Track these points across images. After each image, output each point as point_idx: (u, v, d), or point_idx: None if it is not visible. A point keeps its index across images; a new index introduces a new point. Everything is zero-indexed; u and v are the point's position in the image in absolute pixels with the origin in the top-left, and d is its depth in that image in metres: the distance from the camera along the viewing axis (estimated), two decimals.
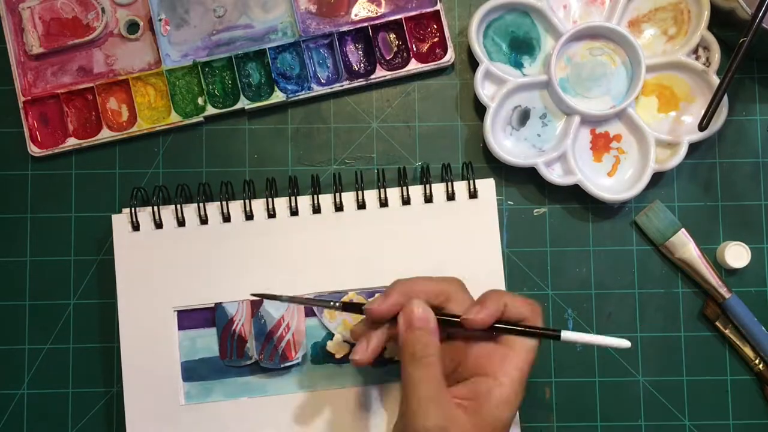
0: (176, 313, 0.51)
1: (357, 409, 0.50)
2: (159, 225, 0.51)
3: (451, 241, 0.51)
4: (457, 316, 0.43)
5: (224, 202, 0.51)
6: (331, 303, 0.45)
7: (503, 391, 0.41)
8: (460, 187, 0.52)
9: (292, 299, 0.46)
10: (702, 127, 0.49)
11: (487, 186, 0.52)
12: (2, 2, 0.54)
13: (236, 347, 0.51)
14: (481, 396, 0.41)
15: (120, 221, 0.51)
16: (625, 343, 0.42)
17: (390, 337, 0.44)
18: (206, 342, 0.51)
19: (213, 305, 0.51)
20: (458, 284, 0.45)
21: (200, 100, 0.54)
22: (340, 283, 0.51)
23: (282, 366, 0.50)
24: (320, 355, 0.51)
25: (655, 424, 0.53)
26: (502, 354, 0.43)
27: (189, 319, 0.51)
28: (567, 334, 0.43)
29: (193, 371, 0.51)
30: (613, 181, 0.53)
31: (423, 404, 0.40)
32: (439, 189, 0.52)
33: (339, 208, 0.51)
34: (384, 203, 0.52)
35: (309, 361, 0.51)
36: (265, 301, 0.51)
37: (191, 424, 0.50)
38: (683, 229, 0.53)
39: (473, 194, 0.52)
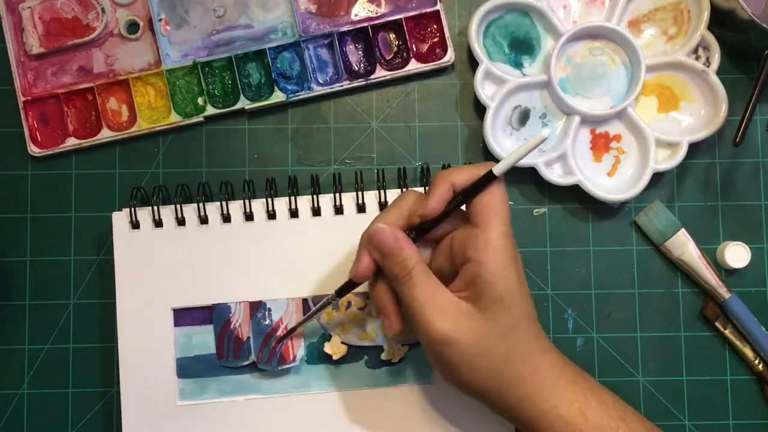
0: (173, 310, 0.51)
1: (353, 411, 0.50)
2: (159, 224, 0.51)
3: None
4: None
5: (224, 202, 0.51)
6: (327, 300, 0.47)
7: (488, 269, 0.40)
8: None
9: (297, 326, 0.50)
10: (736, 142, 0.49)
11: None
12: (2, 2, 0.54)
13: (233, 348, 0.51)
14: (473, 282, 0.41)
15: (120, 219, 0.51)
16: (544, 132, 0.39)
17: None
18: (202, 339, 0.51)
19: (211, 304, 0.51)
20: (411, 196, 0.44)
21: (200, 100, 0.54)
22: (340, 284, 0.51)
23: (279, 369, 0.50)
24: (317, 356, 0.51)
25: (655, 424, 0.52)
26: (474, 234, 0.41)
27: (186, 316, 0.51)
28: (498, 166, 0.41)
29: (188, 368, 0.51)
30: (613, 181, 0.53)
31: (424, 316, 0.41)
32: None
33: (339, 209, 0.51)
34: (384, 205, 0.52)
35: (305, 362, 0.51)
36: (266, 302, 0.51)
37: (186, 422, 0.50)
38: (683, 229, 0.53)
39: None
